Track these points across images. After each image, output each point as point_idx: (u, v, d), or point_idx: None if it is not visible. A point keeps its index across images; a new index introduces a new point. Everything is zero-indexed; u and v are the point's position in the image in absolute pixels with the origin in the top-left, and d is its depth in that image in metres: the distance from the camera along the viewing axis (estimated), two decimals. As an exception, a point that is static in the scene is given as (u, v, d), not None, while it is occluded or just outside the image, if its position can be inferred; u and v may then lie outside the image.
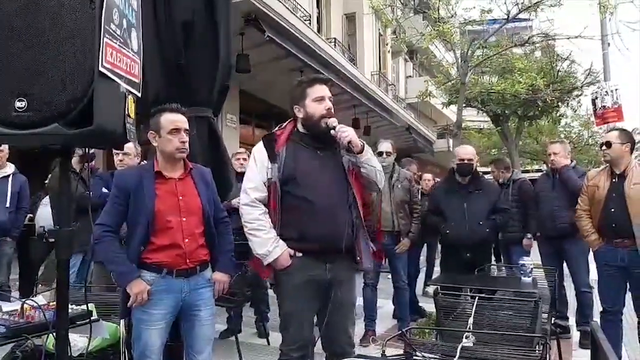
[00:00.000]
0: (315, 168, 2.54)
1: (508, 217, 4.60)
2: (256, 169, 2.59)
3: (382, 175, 2.69)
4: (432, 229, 4.69)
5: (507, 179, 5.43)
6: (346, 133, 2.47)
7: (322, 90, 2.61)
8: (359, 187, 2.63)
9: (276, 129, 2.73)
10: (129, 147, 3.92)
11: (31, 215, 5.64)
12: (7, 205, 4.84)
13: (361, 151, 2.51)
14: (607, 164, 3.76)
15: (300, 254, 2.52)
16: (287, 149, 2.57)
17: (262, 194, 2.55)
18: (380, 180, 2.66)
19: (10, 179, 4.89)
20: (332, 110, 2.58)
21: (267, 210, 2.55)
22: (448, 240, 4.37)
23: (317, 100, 2.58)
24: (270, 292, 4.97)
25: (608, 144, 3.68)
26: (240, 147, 10.04)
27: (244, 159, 4.82)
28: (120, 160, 4.05)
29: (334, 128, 2.49)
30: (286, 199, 2.51)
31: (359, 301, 3.89)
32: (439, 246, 5.96)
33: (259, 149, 2.62)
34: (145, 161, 3.60)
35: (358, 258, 2.54)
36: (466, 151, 4.48)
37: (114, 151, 4.07)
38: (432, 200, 4.63)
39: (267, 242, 2.48)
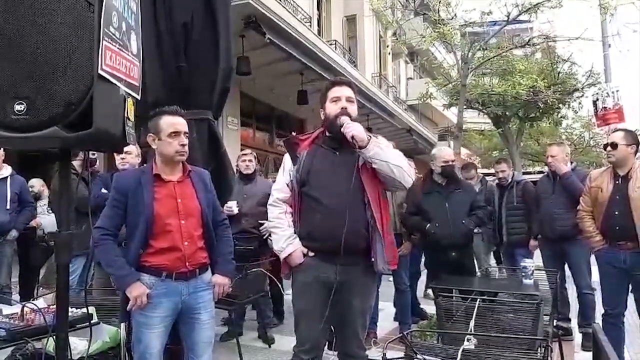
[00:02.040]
0: (328, 168, 2.55)
1: (488, 213, 4.70)
2: (282, 171, 2.71)
3: (403, 171, 2.53)
4: (415, 230, 4.68)
5: (511, 179, 5.43)
6: (350, 128, 2.47)
7: (339, 90, 2.64)
8: (378, 186, 2.58)
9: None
10: (131, 146, 3.93)
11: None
12: (7, 207, 4.86)
13: (365, 146, 2.47)
14: (610, 165, 3.71)
15: (313, 254, 2.54)
16: (309, 152, 2.61)
17: (285, 194, 2.66)
18: (401, 175, 2.52)
19: (8, 180, 4.91)
20: (348, 110, 2.57)
21: (288, 210, 2.64)
22: (433, 241, 4.37)
23: (334, 101, 2.62)
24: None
25: (614, 145, 3.59)
26: (241, 149, 10.10)
27: (250, 161, 4.82)
28: (122, 159, 4.05)
29: (343, 125, 2.50)
30: (302, 199, 2.58)
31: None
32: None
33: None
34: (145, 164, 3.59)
35: (372, 259, 2.49)
36: (450, 153, 4.54)
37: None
38: (412, 202, 4.61)
39: (282, 239, 2.58)
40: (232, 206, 4.47)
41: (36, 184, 6.04)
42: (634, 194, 3.46)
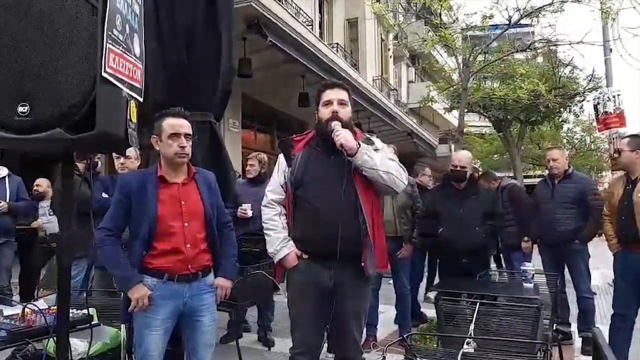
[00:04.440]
0: (323, 172, 2.55)
1: (504, 221, 4.58)
2: (277, 172, 2.70)
3: (393, 176, 2.52)
4: (427, 233, 4.66)
5: (497, 188, 5.46)
6: (339, 136, 2.46)
7: (331, 94, 2.63)
8: (372, 190, 2.57)
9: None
10: (130, 150, 3.94)
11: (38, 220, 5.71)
12: None
13: (354, 154, 2.46)
14: (624, 171, 3.79)
15: (306, 257, 2.55)
16: (303, 154, 2.61)
17: (279, 196, 2.66)
18: (392, 180, 2.51)
19: (7, 179, 4.99)
20: (340, 114, 2.56)
21: (282, 212, 2.65)
22: (445, 245, 4.34)
23: (325, 104, 2.62)
24: (275, 297, 4.97)
25: (619, 152, 3.75)
26: (242, 151, 10.10)
27: (251, 165, 4.84)
28: (122, 164, 4.06)
29: (333, 131, 2.50)
30: (296, 202, 2.57)
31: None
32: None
33: (282, 154, 2.72)
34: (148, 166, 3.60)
35: (362, 264, 2.49)
36: (459, 157, 4.39)
37: (115, 155, 4.08)
38: (428, 205, 4.60)
39: (276, 242, 2.58)
40: (247, 209, 4.51)
41: (43, 183, 6.04)
42: (637, 199, 3.49)
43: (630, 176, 3.68)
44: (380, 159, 2.52)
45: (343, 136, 2.45)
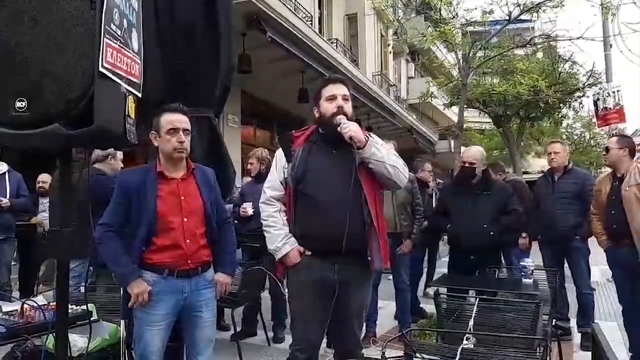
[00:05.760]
0: (326, 167, 2.54)
1: (517, 219, 4.35)
2: (275, 168, 2.67)
3: (399, 171, 2.53)
4: (436, 230, 4.63)
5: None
6: (347, 128, 2.45)
7: (334, 89, 2.62)
8: (375, 184, 2.57)
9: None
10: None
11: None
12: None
13: (363, 146, 2.46)
14: (612, 168, 3.90)
15: (309, 253, 2.53)
16: (304, 149, 2.59)
17: (278, 192, 2.63)
18: (397, 175, 2.52)
19: (7, 175, 4.99)
20: (344, 109, 2.56)
21: (282, 208, 2.62)
22: (454, 243, 4.31)
23: (329, 100, 2.59)
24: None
25: (607, 149, 3.90)
26: (242, 147, 10.08)
27: (251, 163, 4.83)
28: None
29: (339, 125, 2.49)
30: (298, 198, 2.55)
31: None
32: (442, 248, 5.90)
33: (279, 150, 2.69)
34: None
35: (369, 258, 2.48)
36: (469, 154, 4.27)
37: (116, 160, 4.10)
38: (440, 201, 4.57)
39: (277, 238, 2.55)
40: (247, 207, 4.53)
41: (48, 179, 6.01)
42: (625, 193, 3.58)
43: (616, 173, 3.80)
44: (387, 152, 2.54)
45: (351, 129, 2.45)
